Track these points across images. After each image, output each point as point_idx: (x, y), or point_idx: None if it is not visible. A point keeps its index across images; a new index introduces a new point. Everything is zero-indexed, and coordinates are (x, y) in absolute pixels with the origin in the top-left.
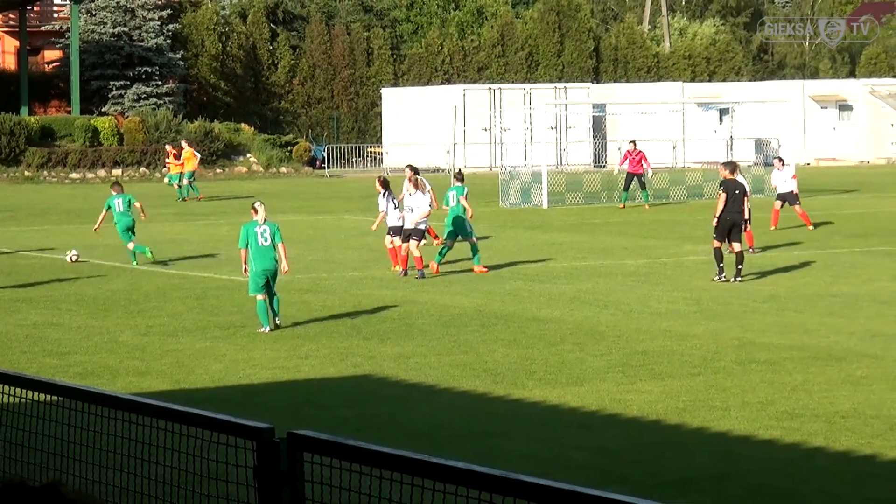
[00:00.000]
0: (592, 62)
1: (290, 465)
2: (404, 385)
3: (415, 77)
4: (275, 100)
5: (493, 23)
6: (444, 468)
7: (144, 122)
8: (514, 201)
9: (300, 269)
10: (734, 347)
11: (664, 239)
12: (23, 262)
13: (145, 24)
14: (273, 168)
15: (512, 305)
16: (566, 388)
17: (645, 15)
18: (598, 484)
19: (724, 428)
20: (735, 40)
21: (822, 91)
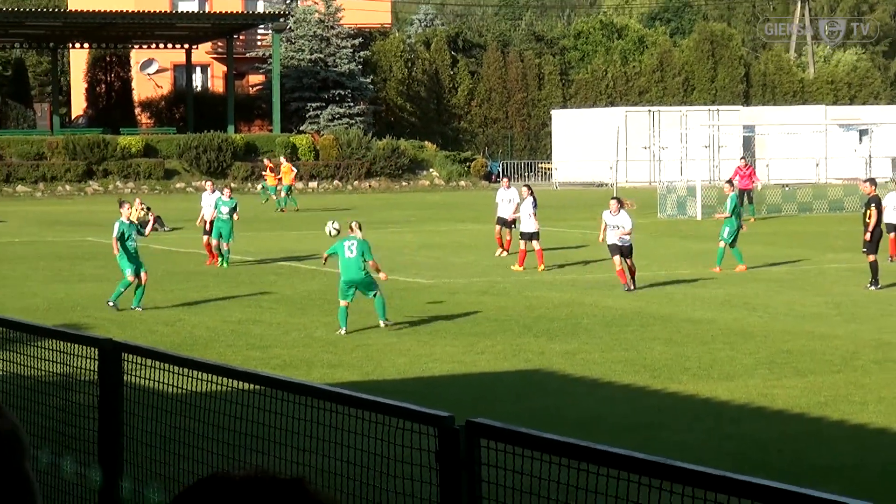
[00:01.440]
0: (743, 87)
1: (468, 450)
2: (570, 379)
3: (581, 100)
4: (455, 120)
5: (652, 51)
6: (606, 454)
7: (338, 139)
8: (670, 213)
9: (477, 272)
10: (872, 347)
11: (808, 248)
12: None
13: (339, 51)
14: (453, 181)
15: (668, 307)
16: (717, 383)
17: (791, 43)
18: (747, 471)
19: (862, 421)
20: (874, 67)
21: None
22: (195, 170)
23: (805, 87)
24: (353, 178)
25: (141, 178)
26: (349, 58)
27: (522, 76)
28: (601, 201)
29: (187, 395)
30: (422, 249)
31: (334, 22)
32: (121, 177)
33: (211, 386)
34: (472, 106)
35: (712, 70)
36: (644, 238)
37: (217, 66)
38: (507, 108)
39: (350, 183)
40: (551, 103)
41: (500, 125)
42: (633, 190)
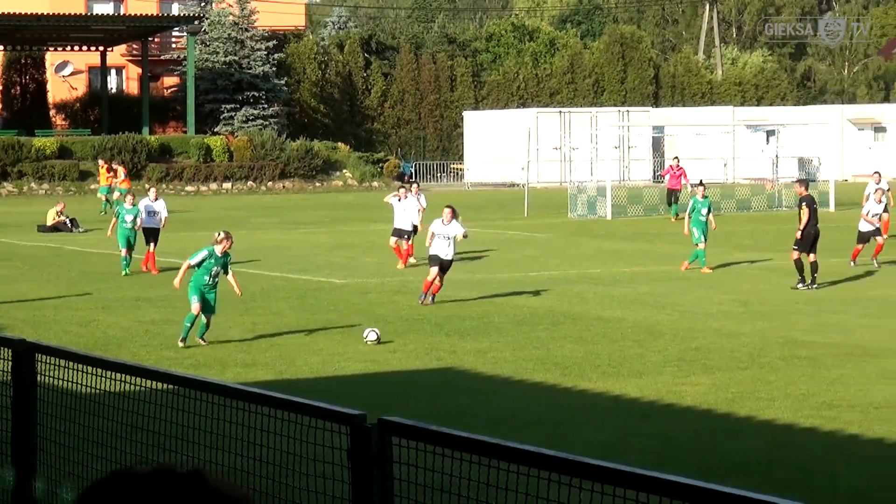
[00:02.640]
0: (652, 88)
1: (380, 448)
2: (482, 377)
3: (493, 101)
4: (368, 121)
5: (563, 53)
6: (517, 451)
7: (252, 140)
8: (581, 213)
9: (389, 272)
10: (779, 345)
11: (716, 247)
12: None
13: (253, 53)
14: (366, 182)
15: (578, 306)
16: (627, 381)
17: (700, 46)
18: (657, 467)
19: (770, 417)
20: (781, 69)
21: (859, 114)
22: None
23: (713, 88)
24: (266, 178)
25: (56, 180)
26: (263, 60)
27: (435, 78)
28: (513, 202)
29: (101, 395)
30: (335, 250)
31: (248, 24)
32: (35, 178)
33: (125, 386)
34: (384, 107)
35: (622, 72)
36: (555, 238)
37: (132, 69)
38: (419, 110)
39: (264, 184)
40: (463, 105)
41: (413, 126)
42: (544, 190)
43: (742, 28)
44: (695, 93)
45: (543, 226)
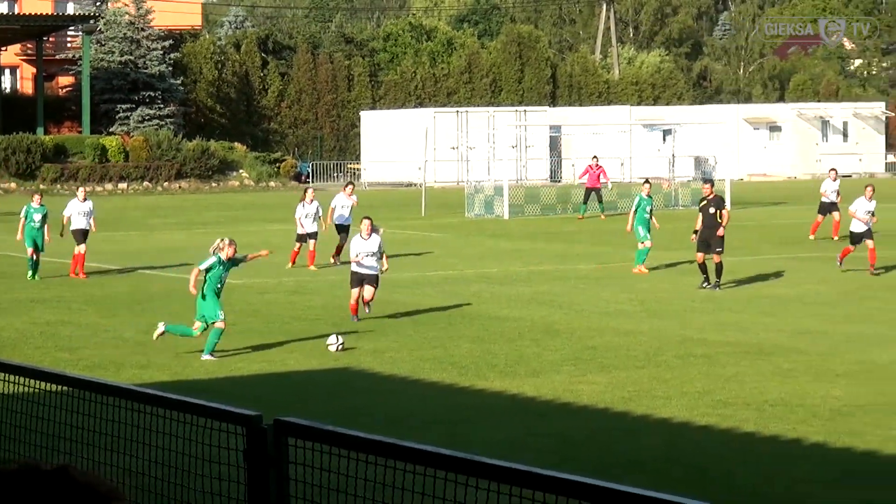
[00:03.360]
0: (549, 88)
1: (276, 448)
2: (379, 377)
3: (391, 101)
4: (265, 121)
5: (461, 52)
6: (413, 451)
7: (148, 140)
8: (478, 212)
9: (287, 272)
10: (675, 343)
11: (613, 246)
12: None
13: (149, 53)
14: (263, 182)
15: (476, 305)
16: (524, 380)
17: (597, 46)
18: (554, 466)
19: (666, 415)
20: (677, 69)
21: (754, 114)
22: (4, 172)
23: (610, 87)
24: (163, 179)
25: None
26: (159, 59)
27: (332, 78)
28: (410, 201)
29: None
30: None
31: (144, 24)
32: None
33: (18, 388)
34: (281, 107)
35: (520, 71)
36: (452, 237)
37: (26, 68)
38: (316, 110)
39: (160, 184)
40: (360, 104)
41: (310, 126)
42: (442, 190)
43: (639, 28)
44: (592, 92)
45: (441, 225)
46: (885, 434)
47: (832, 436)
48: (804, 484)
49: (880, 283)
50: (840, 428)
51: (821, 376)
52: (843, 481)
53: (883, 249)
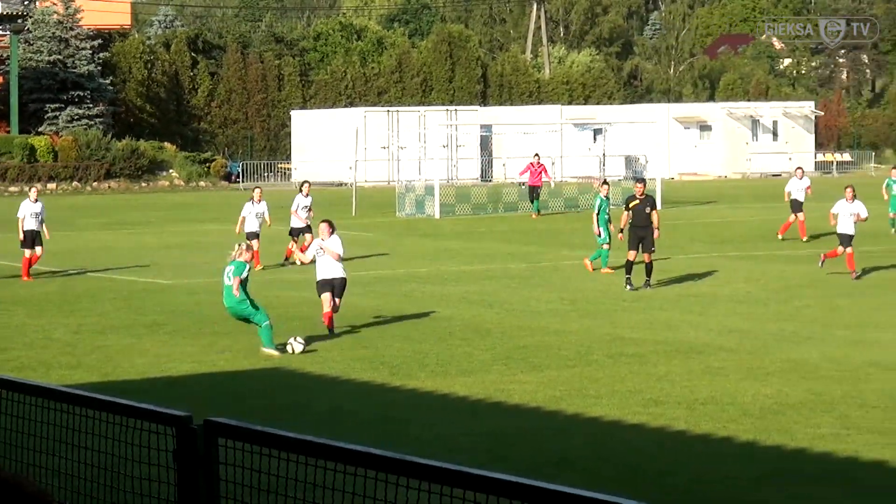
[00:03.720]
0: (480, 87)
1: (206, 449)
2: (311, 377)
3: (321, 100)
4: (195, 121)
5: (391, 52)
6: (344, 451)
7: (77, 140)
8: (409, 212)
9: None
10: (605, 342)
11: (544, 246)
12: None
13: (78, 52)
14: (193, 182)
15: (407, 305)
16: (455, 379)
17: (528, 45)
18: (484, 465)
19: (597, 414)
20: (608, 68)
21: (685, 113)
22: None
23: (541, 87)
24: (92, 179)
25: None
26: (88, 59)
27: (262, 77)
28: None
29: None
30: (161, 250)
31: (73, 23)
32: None
33: None
34: (212, 107)
35: (450, 71)
36: (383, 237)
37: None
38: (246, 109)
39: (89, 184)
40: (291, 104)
41: (240, 126)
42: (373, 189)
43: (569, 27)
44: (522, 91)
45: (371, 225)
46: (815, 432)
47: (762, 434)
48: (735, 481)
49: (808, 282)
50: (770, 426)
51: (751, 375)
52: (774, 479)
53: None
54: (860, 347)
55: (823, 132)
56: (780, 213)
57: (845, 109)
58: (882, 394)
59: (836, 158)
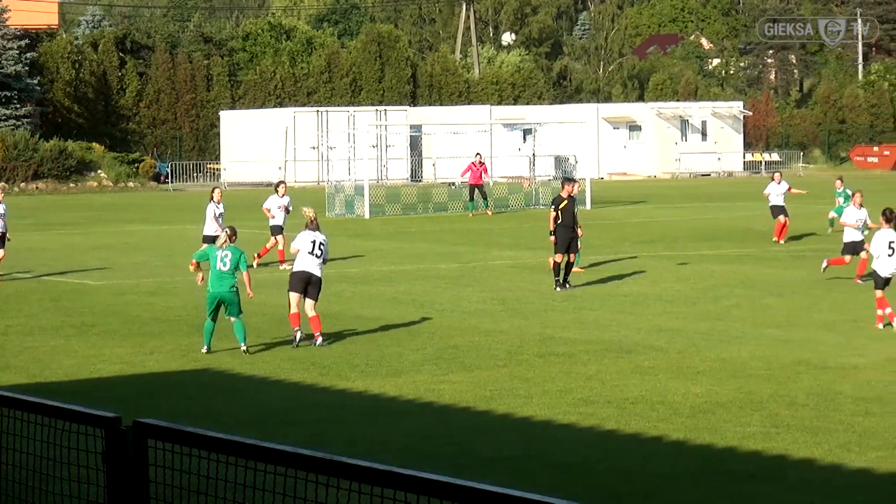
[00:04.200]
0: (410, 87)
1: (135, 450)
2: (240, 377)
3: (250, 101)
4: (123, 121)
5: (321, 52)
6: (274, 452)
7: (4, 141)
8: (339, 212)
9: (146, 273)
10: (536, 342)
11: (474, 245)
12: None
13: (5, 52)
14: (121, 183)
15: (337, 305)
16: (385, 380)
17: (457, 45)
18: (416, 465)
19: (527, 414)
20: (537, 68)
21: (614, 113)
22: None
23: (471, 87)
24: (19, 179)
25: None
26: (15, 59)
27: (191, 77)
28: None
29: None
30: (90, 251)
31: (0, 23)
32: None
33: None
34: (140, 107)
35: (380, 71)
36: None
37: None
38: (175, 109)
39: (17, 185)
40: (220, 104)
41: (169, 126)
42: (302, 190)
43: (499, 27)
44: (452, 92)
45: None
46: (744, 430)
47: (692, 432)
48: (665, 480)
49: (737, 281)
50: (700, 425)
51: (680, 373)
52: (704, 477)
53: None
54: (789, 346)
55: (752, 132)
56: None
57: (774, 109)
58: (811, 392)
59: (764, 158)
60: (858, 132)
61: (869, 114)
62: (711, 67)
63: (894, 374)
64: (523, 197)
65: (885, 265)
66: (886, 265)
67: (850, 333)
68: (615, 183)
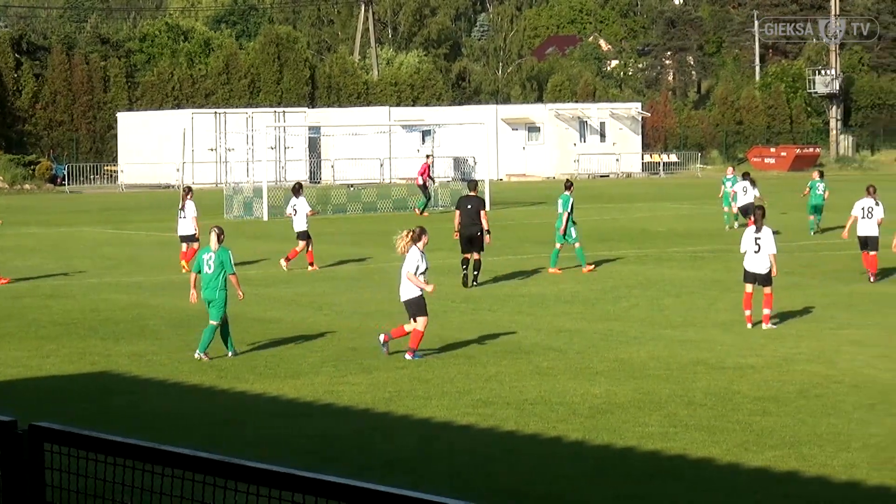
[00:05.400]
0: (308, 89)
1: (31, 454)
2: (139, 380)
3: (148, 102)
4: (19, 123)
5: (218, 53)
6: (172, 455)
7: None
8: (237, 214)
9: (43, 276)
10: (435, 343)
11: (373, 247)
12: None
13: None
14: (17, 185)
15: (236, 307)
16: (284, 381)
17: (356, 47)
18: (314, 466)
19: (427, 415)
20: (436, 69)
21: (513, 115)
22: None
23: (369, 88)
24: None
25: None
26: None
27: (88, 79)
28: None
29: None
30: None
31: None
32: None
33: None
34: (36, 108)
35: (278, 72)
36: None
37: None
38: (72, 111)
39: None
40: (117, 106)
41: (66, 128)
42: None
43: (397, 29)
44: (351, 93)
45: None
46: (643, 430)
47: (591, 433)
48: (564, 481)
49: (635, 282)
50: (599, 425)
51: (579, 374)
52: (603, 478)
53: (633, 247)
54: (687, 347)
55: (650, 133)
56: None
57: (672, 111)
58: (709, 392)
59: (662, 159)
60: (755, 133)
61: (766, 115)
62: (610, 69)
63: (790, 374)
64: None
65: (749, 261)
66: (750, 261)
67: (746, 333)
68: (514, 184)
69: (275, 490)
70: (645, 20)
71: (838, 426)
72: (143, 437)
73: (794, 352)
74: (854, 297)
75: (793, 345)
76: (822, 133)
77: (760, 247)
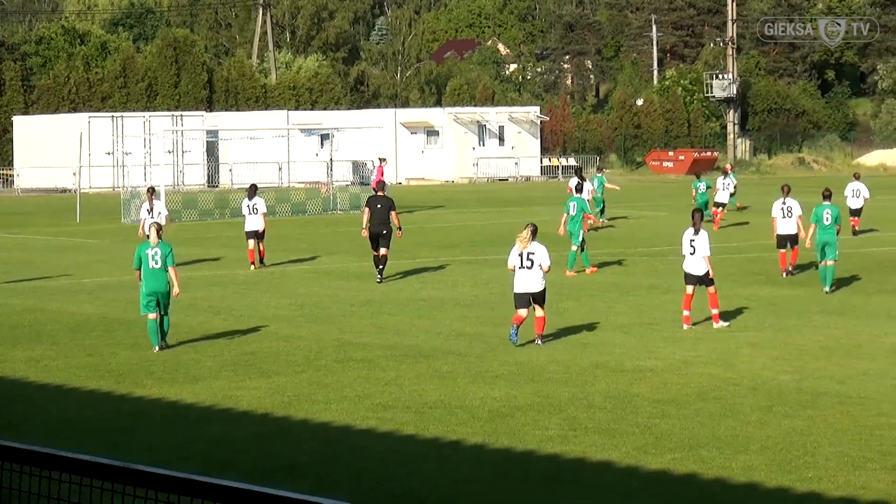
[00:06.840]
0: (206, 92)
1: None
2: (34, 386)
3: (44, 106)
4: None
5: (115, 57)
6: (70, 461)
7: None
8: (134, 218)
9: None
10: (334, 347)
11: (271, 251)
12: None
13: None
14: None
15: (133, 312)
16: (183, 386)
17: (254, 50)
18: (214, 472)
19: (326, 419)
20: (335, 73)
21: (412, 118)
22: None
23: (268, 92)
24: None
25: None
26: None
27: None
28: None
29: None
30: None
31: None
32: None
33: None
34: None
35: (176, 76)
36: (108, 244)
37: None
38: None
39: None
40: (13, 109)
41: None
42: (97, 196)
43: (296, 32)
44: (249, 97)
45: (96, 231)
46: (543, 434)
47: (491, 437)
48: (464, 485)
49: None
50: (499, 429)
51: (479, 378)
52: (503, 481)
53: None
54: (586, 350)
55: (549, 137)
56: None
57: (570, 115)
58: (608, 395)
59: (561, 163)
60: (653, 137)
61: (664, 119)
62: (508, 73)
63: (689, 377)
64: (321, 202)
65: (687, 263)
66: (688, 264)
67: (645, 336)
68: (413, 188)
69: (174, 495)
70: (543, 24)
71: (737, 428)
72: (40, 443)
73: (693, 354)
74: (751, 300)
75: (691, 347)
76: (720, 137)
77: (695, 249)
